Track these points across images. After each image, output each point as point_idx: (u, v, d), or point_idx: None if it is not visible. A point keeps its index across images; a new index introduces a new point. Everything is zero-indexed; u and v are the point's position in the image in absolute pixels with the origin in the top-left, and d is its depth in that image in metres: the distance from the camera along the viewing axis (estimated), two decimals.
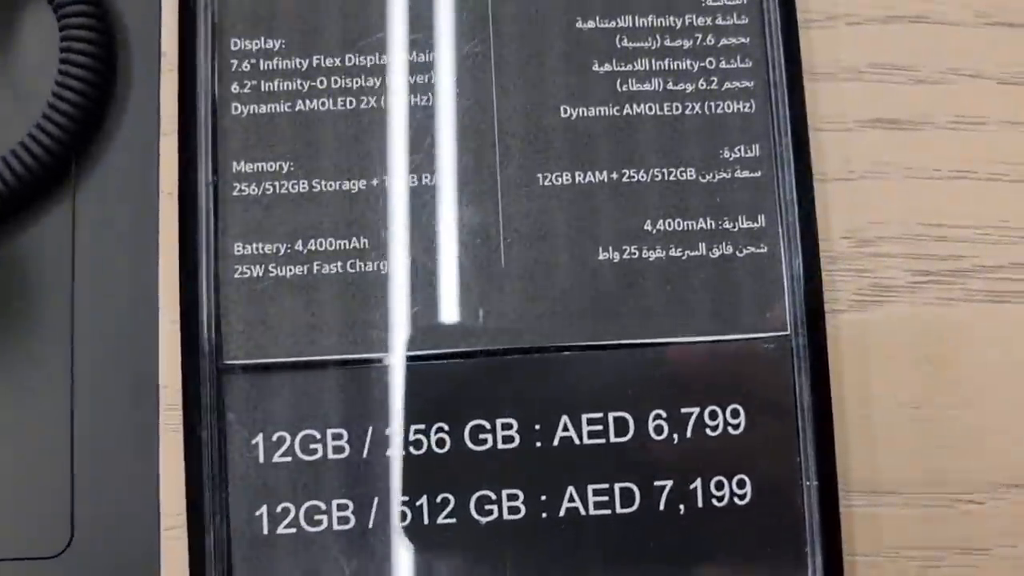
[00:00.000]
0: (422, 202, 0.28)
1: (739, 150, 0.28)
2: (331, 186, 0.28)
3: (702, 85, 0.28)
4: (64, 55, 0.28)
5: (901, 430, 0.28)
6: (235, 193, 0.28)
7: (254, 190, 0.28)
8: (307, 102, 0.28)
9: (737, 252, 0.28)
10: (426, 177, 0.28)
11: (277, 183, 0.28)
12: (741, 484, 0.27)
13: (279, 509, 0.26)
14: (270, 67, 0.28)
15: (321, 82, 0.28)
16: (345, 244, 0.28)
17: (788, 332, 0.27)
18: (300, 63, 0.28)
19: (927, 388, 0.28)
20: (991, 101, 0.30)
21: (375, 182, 0.28)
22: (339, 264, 0.27)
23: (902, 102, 0.29)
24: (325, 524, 0.26)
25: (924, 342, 0.28)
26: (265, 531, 0.26)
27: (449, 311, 0.27)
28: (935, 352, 0.28)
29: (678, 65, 0.28)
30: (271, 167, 0.28)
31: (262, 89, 0.28)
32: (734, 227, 0.28)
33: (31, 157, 0.27)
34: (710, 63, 0.28)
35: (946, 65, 0.30)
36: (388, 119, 0.28)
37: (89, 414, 0.28)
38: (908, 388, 0.28)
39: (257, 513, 0.26)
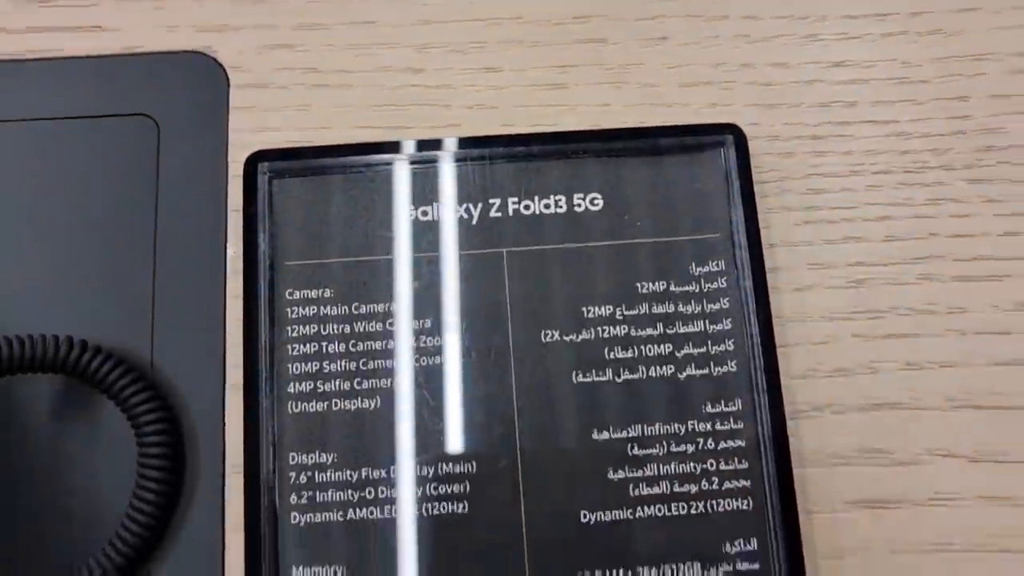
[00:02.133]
0: None
1: (739, 544, 0.32)
2: None
3: (704, 486, 0.32)
4: (141, 470, 0.32)
5: None
6: None
7: None
8: (355, 512, 0.32)
9: None
10: None
11: None
12: None
13: None
14: (324, 479, 0.32)
15: (369, 492, 0.32)
16: None
17: None
18: (351, 475, 0.32)
19: None
20: (964, 478, 0.34)
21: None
22: None
23: (884, 483, 0.33)
24: None
25: None
26: None
27: None
28: None
29: (682, 468, 0.32)
30: (325, 572, 0.31)
31: (317, 500, 0.32)
32: None
33: (110, 563, 0.32)
34: (710, 464, 0.32)
35: (922, 446, 0.34)
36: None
37: None
38: None
39: None
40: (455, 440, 0.33)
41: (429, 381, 0.33)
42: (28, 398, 0.34)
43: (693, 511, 0.32)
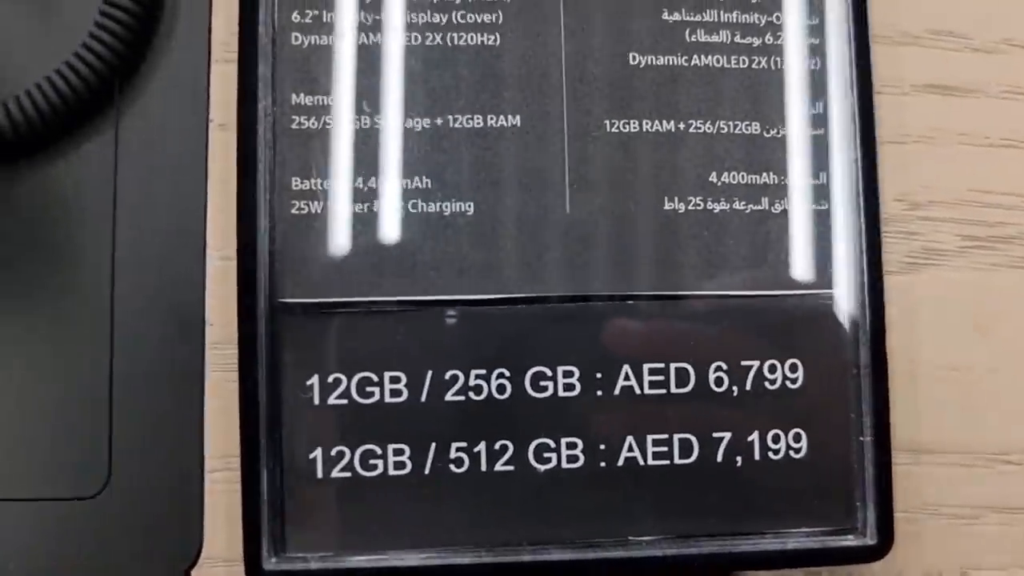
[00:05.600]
0: (487, 144, 0.28)
1: (804, 107, 0.28)
2: (394, 123, 0.27)
3: (769, 40, 0.28)
4: None
5: (943, 390, 0.29)
6: (294, 126, 0.27)
7: (314, 124, 0.27)
8: (370, 36, 0.27)
9: (800, 208, 0.28)
10: (491, 119, 0.28)
11: (337, 117, 0.28)
12: (797, 438, 0.27)
13: (333, 452, 0.26)
14: None
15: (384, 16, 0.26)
16: (408, 184, 0.27)
17: (846, 289, 0.28)
18: None
19: (970, 350, 0.29)
20: None
21: (439, 122, 0.27)
22: (400, 203, 0.27)
23: (957, 69, 0.30)
24: (380, 469, 0.26)
25: (969, 305, 0.30)
26: (319, 474, 0.26)
27: (513, 256, 0.27)
28: (979, 315, 0.30)
29: (746, 19, 0.29)
30: (331, 101, 0.27)
31: (324, 20, 0.27)
32: (797, 183, 0.28)
33: (77, 77, 0.27)
34: (777, 18, 0.28)
35: (1000, 35, 0.30)
36: (455, 58, 0.28)
37: (129, 350, 0.27)
38: (952, 349, 0.29)
39: (311, 456, 0.26)
40: None
41: None
42: None
43: (756, 66, 0.29)
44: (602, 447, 0.27)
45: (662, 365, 0.28)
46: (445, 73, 0.27)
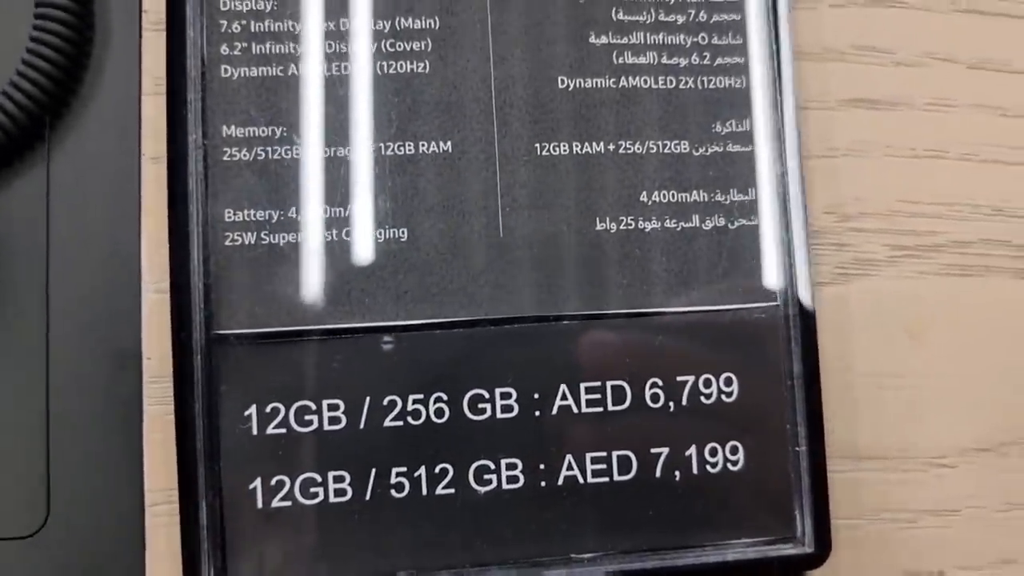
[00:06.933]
0: (419, 170, 0.28)
1: (731, 124, 0.29)
2: (326, 152, 0.27)
3: (695, 60, 0.28)
4: (39, 10, 0.27)
5: (879, 397, 0.29)
6: (225, 158, 0.27)
7: (245, 155, 0.27)
8: (300, 66, 0.27)
9: (729, 224, 0.29)
10: (423, 145, 0.28)
11: (269, 148, 0.27)
12: (734, 450, 0.28)
13: (273, 482, 0.26)
14: (261, 29, 0.27)
15: (313, 47, 0.27)
16: (341, 212, 0.27)
17: (778, 302, 0.29)
18: (292, 26, 0.27)
19: (902, 358, 0.30)
20: (961, 85, 0.31)
21: (371, 149, 0.27)
22: (335, 232, 0.27)
23: (881, 83, 0.31)
24: (321, 497, 0.26)
25: (901, 313, 0.30)
26: (259, 504, 0.26)
27: (448, 280, 0.27)
28: (910, 323, 0.30)
29: (672, 40, 0.29)
30: (262, 132, 0.26)
31: (253, 52, 0.26)
32: (726, 200, 0.29)
33: (5, 115, 0.26)
34: (703, 39, 0.28)
35: (922, 49, 0.31)
36: (384, 86, 0.28)
37: (65, 386, 0.27)
38: (885, 358, 0.30)
39: (251, 487, 0.26)
40: None
41: None
42: None
43: (682, 86, 0.28)
44: (542, 467, 0.28)
45: (599, 383, 0.28)
46: (375, 101, 0.27)
